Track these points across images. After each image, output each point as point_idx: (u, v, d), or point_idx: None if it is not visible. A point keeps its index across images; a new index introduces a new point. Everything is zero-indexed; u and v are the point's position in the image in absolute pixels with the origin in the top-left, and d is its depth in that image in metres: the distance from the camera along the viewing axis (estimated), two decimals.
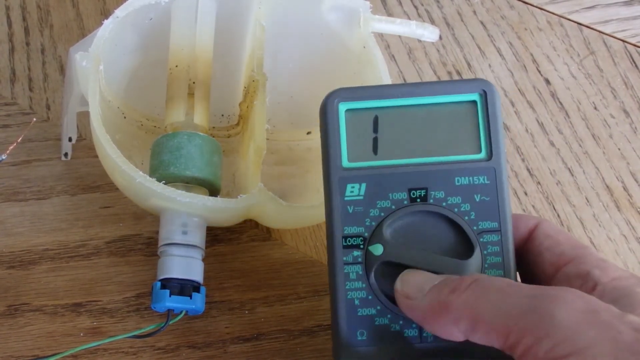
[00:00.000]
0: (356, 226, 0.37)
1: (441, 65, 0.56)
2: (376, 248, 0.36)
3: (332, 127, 0.38)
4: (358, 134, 0.38)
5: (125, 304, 0.47)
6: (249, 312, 0.47)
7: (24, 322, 0.46)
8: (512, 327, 0.31)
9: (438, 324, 0.34)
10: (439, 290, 0.34)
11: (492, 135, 0.37)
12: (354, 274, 0.37)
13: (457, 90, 0.38)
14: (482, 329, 0.32)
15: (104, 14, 0.57)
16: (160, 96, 0.48)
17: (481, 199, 0.37)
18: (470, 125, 0.37)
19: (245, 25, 0.50)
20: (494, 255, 0.36)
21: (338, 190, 0.37)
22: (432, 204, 0.37)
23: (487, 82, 0.38)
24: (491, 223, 0.36)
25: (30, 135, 0.51)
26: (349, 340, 0.36)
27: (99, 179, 0.50)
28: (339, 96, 0.38)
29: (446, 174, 0.37)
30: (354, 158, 0.38)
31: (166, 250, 0.44)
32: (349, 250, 0.37)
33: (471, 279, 0.33)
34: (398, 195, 0.37)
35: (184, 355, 0.45)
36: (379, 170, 0.37)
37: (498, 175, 0.37)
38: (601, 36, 0.58)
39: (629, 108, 0.55)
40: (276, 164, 0.51)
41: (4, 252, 0.48)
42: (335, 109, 0.38)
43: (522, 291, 0.32)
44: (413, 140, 0.38)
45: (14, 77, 0.54)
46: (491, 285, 0.33)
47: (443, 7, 0.59)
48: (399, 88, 0.39)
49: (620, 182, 0.52)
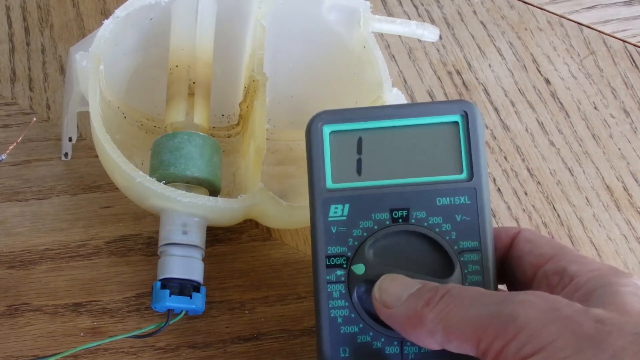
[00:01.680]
0: (339, 246, 0.37)
1: (441, 65, 0.56)
2: (358, 268, 0.37)
3: (316, 150, 0.38)
4: (342, 156, 0.38)
5: (125, 304, 0.47)
6: (249, 312, 0.47)
7: (24, 322, 0.46)
8: (481, 334, 0.32)
9: (415, 335, 0.34)
10: (415, 300, 0.35)
11: (473, 156, 0.37)
12: (337, 292, 0.37)
13: (439, 112, 0.38)
14: (455, 339, 0.33)
15: (104, 14, 0.57)
16: (160, 96, 0.48)
17: (462, 218, 0.37)
18: (451, 146, 0.38)
19: (245, 25, 0.50)
20: (474, 274, 0.37)
21: (322, 211, 0.38)
22: (413, 224, 0.37)
23: (469, 103, 0.38)
24: (472, 242, 0.37)
25: (31, 135, 0.51)
26: (331, 357, 0.37)
27: (99, 179, 0.50)
28: (323, 119, 0.39)
29: (428, 195, 0.37)
30: (338, 179, 0.38)
31: (166, 250, 0.44)
32: (332, 269, 0.37)
33: (444, 290, 0.34)
34: (380, 215, 0.37)
35: (184, 355, 0.45)
36: (362, 191, 0.38)
37: (479, 195, 0.37)
38: (601, 36, 0.58)
39: (629, 108, 0.55)
40: (276, 164, 0.51)
41: (4, 252, 0.48)
42: (319, 131, 0.38)
43: (490, 298, 0.33)
44: (396, 161, 0.38)
45: (14, 77, 0.54)
46: (462, 295, 0.34)
47: (443, 7, 0.59)
48: (382, 110, 0.39)
49: (620, 182, 0.52)
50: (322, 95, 0.52)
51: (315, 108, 0.52)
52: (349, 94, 0.50)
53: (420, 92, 0.55)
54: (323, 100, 0.51)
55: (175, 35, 0.47)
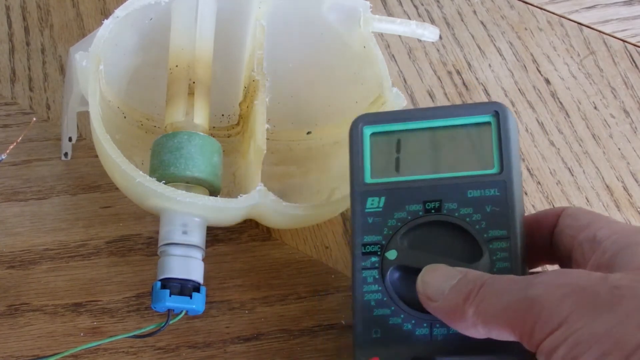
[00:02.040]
0: (374, 235, 0.40)
1: (441, 65, 0.56)
2: (391, 253, 0.39)
3: (356, 148, 0.41)
4: (381, 154, 0.41)
5: (125, 303, 0.47)
6: (249, 312, 0.47)
7: (24, 322, 0.46)
8: (513, 321, 0.33)
9: (459, 327, 0.36)
10: (456, 295, 0.36)
11: (504, 151, 0.40)
12: (371, 277, 0.39)
13: (472, 113, 0.41)
14: (495, 329, 0.34)
15: (104, 14, 0.57)
16: (160, 96, 0.48)
17: (492, 209, 0.39)
18: (484, 143, 0.40)
19: (245, 25, 0.50)
20: (503, 260, 0.38)
21: (359, 203, 0.40)
22: (445, 214, 0.39)
23: (500, 104, 0.41)
24: (500, 231, 0.38)
25: (31, 135, 0.51)
26: (364, 337, 0.39)
27: (99, 179, 0.50)
28: (364, 120, 0.42)
29: (459, 188, 0.40)
30: (376, 175, 0.41)
31: (166, 250, 0.44)
32: (367, 256, 0.40)
33: (481, 281, 0.35)
34: (414, 207, 0.40)
35: (184, 355, 0.45)
36: (397, 185, 0.40)
37: (509, 187, 0.39)
38: (601, 36, 0.58)
39: (629, 108, 0.55)
40: (276, 164, 0.51)
41: (4, 252, 0.48)
42: (360, 132, 0.42)
43: (518, 284, 0.34)
44: (432, 158, 0.41)
45: (14, 77, 0.54)
46: (496, 286, 0.35)
47: (443, 7, 0.59)
48: (419, 112, 0.43)
49: (620, 182, 0.52)
50: (322, 95, 0.52)
51: (315, 108, 0.52)
52: (349, 94, 0.50)
53: (420, 92, 0.55)
54: (323, 100, 0.51)
55: (175, 35, 0.47)
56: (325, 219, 0.48)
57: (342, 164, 0.49)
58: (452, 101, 0.55)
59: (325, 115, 0.51)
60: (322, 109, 0.52)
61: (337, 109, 0.51)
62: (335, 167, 0.50)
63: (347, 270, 0.48)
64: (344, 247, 0.49)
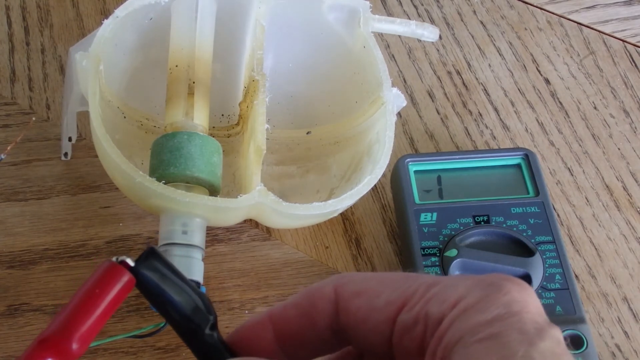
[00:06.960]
0: (431, 241, 0.46)
1: (441, 65, 0.56)
2: (451, 252, 0.45)
3: (404, 180, 0.48)
4: (425, 186, 0.48)
5: (125, 303, 0.47)
6: (249, 312, 0.47)
7: (24, 322, 0.46)
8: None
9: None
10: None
11: (538, 182, 0.48)
12: (433, 273, 0.44)
13: (505, 155, 0.49)
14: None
15: (104, 14, 0.57)
16: (160, 96, 0.48)
17: (535, 221, 0.46)
18: (516, 178, 0.49)
19: (245, 25, 0.50)
20: (552, 258, 0.45)
21: (413, 217, 0.47)
22: (493, 225, 0.46)
23: (527, 149, 0.49)
24: (546, 237, 0.46)
25: (30, 135, 0.51)
26: None
27: (99, 179, 0.50)
28: (408, 158, 0.49)
29: (503, 206, 0.47)
30: (424, 199, 0.47)
31: (166, 250, 0.44)
32: (427, 257, 0.45)
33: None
34: (465, 219, 0.46)
35: (184, 355, 0.45)
36: (445, 205, 0.47)
37: (547, 206, 0.47)
38: (601, 36, 0.58)
39: (628, 108, 0.55)
40: (276, 164, 0.51)
41: (4, 252, 0.48)
42: (406, 168, 0.48)
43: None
44: (472, 188, 0.48)
45: (14, 77, 0.54)
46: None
47: (443, 7, 0.59)
48: (454, 154, 0.50)
49: (620, 181, 0.52)
50: (322, 95, 0.52)
51: (315, 108, 0.52)
52: (349, 94, 0.50)
53: (420, 92, 0.55)
54: (323, 100, 0.51)
55: (175, 35, 0.47)
56: (325, 219, 0.48)
57: (341, 164, 0.49)
58: (451, 101, 0.55)
59: (325, 115, 0.51)
60: (322, 109, 0.52)
61: (337, 109, 0.51)
62: (335, 167, 0.50)
63: (347, 270, 0.48)
64: (344, 247, 0.49)
